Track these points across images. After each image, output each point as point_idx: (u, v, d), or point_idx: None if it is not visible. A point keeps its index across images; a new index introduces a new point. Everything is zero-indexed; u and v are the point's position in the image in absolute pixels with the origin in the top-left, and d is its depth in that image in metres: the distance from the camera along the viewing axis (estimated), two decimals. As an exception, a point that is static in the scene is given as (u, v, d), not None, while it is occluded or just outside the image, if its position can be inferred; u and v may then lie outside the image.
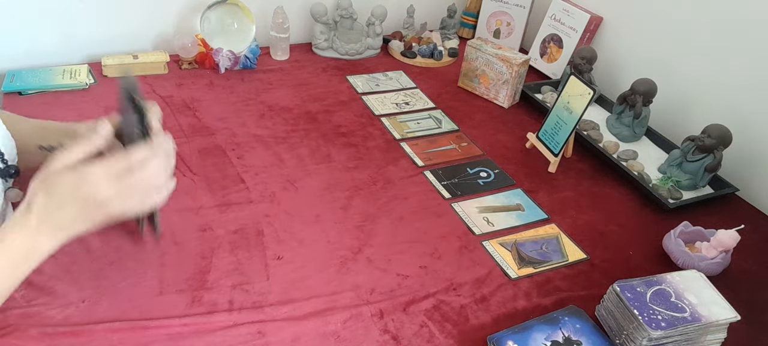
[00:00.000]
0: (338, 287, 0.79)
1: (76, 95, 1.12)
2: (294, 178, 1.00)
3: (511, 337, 0.72)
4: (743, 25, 1.12)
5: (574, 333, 0.74)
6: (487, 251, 0.90)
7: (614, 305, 0.77)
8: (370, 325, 0.74)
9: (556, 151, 1.11)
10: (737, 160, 1.14)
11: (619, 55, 1.42)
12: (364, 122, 1.20)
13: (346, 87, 1.33)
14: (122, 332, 0.68)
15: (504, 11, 1.60)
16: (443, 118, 1.26)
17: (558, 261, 0.90)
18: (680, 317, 0.72)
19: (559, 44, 1.49)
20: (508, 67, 1.29)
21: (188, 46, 1.27)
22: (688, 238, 0.95)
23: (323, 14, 1.41)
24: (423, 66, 1.50)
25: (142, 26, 1.30)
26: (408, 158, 1.10)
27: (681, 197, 1.08)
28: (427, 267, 0.85)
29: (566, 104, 1.09)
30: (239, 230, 0.86)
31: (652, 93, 1.20)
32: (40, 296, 0.71)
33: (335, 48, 1.46)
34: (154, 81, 1.22)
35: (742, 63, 1.14)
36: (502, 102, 1.34)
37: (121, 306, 0.71)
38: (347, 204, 0.95)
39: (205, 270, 0.79)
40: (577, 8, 1.44)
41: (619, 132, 1.25)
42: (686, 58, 1.25)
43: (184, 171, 0.97)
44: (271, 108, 1.19)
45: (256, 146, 1.06)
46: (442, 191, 1.02)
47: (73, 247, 0.77)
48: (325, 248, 0.86)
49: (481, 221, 0.96)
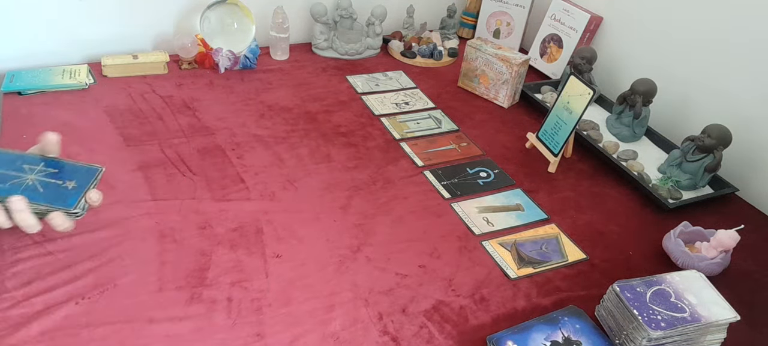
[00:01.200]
0: (337, 286, 0.79)
1: (76, 95, 1.12)
2: (294, 177, 1.00)
3: (511, 337, 0.72)
4: (743, 26, 1.12)
5: (574, 333, 0.74)
6: (486, 251, 0.90)
7: (614, 305, 0.77)
8: (369, 326, 0.74)
9: (555, 151, 1.11)
10: (737, 160, 1.14)
11: (619, 55, 1.42)
12: (364, 122, 1.20)
13: (345, 87, 1.33)
14: (122, 329, 0.68)
15: (504, 11, 1.60)
16: (443, 118, 1.26)
17: (558, 261, 0.90)
18: (680, 317, 0.72)
19: (559, 44, 1.49)
20: (507, 67, 1.29)
21: (188, 46, 1.27)
22: (687, 238, 0.95)
23: (323, 14, 1.41)
24: (423, 66, 1.50)
25: (142, 26, 1.30)
26: (408, 158, 1.10)
27: (681, 197, 1.08)
28: (427, 267, 0.85)
29: (566, 104, 1.09)
30: (239, 229, 0.86)
31: (651, 93, 1.20)
32: (39, 294, 0.71)
33: (335, 48, 1.46)
34: (154, 81, 1.22)
35: (742, 63, 1.14)
36: (502, 102, 1.34)
37: (120, 303, 0.71)
38: (347, 204, 0.95)
39: (205, 267, 0.79)
40: (577, 8, 1.44)
41: (619, 132, 1.25)
42: (686, 58, 1.25)
43: (184, 171, 0.97)
44: (270, 108, 1.19)
45: (256, 146, 1.06)
46: (441, 191, 1.02)
47: (73, 244, 0.78)
48: (325, 246, 0.86)
49: (481, 221, 0.96)
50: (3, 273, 0.73)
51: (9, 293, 0.70)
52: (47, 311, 0.69)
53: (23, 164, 0.66)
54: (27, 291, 0.71)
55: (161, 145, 1.02)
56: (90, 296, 0.72)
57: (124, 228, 0.83)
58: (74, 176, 0.67)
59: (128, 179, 0.93)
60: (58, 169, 0.67)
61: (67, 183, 0.66)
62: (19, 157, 0.67)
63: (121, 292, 0.73)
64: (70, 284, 0.73)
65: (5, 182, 0.64)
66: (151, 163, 0.97)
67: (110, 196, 0.88)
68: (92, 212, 0.84)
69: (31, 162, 0.67)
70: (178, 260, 0.79)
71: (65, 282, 0.73)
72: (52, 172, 0.67)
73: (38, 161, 0.67)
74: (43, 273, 0.74)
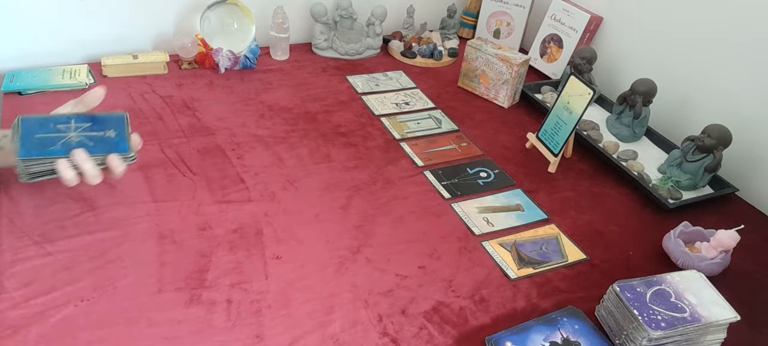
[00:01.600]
0: (337, 287, 0.79)
1: (76, 95, 1.12)
2: (293, 178, 0.99)
3: (510, 338, 0.72)
4: (743, 25, 1.12)
5: (573, 334, 0.74)
6: (486, 251, 0.90)
7: (614, 305, 0.76)
8: (369, 328, 0.74)
9: (555, 151, 1.11)
10: (737, 160, 1.14)
11: (619, 55, 1.42)
12: (364, 122, 1.20)
13: (345, 87, 1.33)
14: (121, 331, 0.68)
15: (504, 11, 1.60)
16: (443, 118, 1.26)
17: (558, 262, 0.90)
18: (680, 317, 0.72)
19: (559, 44, 1.49)
20: (508, 67, 1.29)
21: (188, 46, 1.27)
22: (687, 238, 0.95)
23: (323, 14, 1.41)
24: (423, 66, 1.49)
25: (142, 26, 1.30)
26: (408, 158, 1.10)
27: (681, 197, 1.08)
28: (426, 268, 0.85)
29: (566, 104, 1.09)
30: (238, 230, 0.86)
31: (652, 93, 1.20)
32: (39, 295, 0.71)
33: (335, 48, 1.46)
34: (154, 81, 1.22)
35: (742, 63, 1.14)
36: (502, 102, 1.34)
37: (120, 305, 0.71)
38: (347, 204, 0.95)
39: (204, 269, 0.79)
40: (577, 8, 1.44)
41: (619, 132, 1.25)
42: (686, 58, 1.25)
43: (184, 171, 0.97)
44: (270, 108, 1.19)
45: (256, 146, 1.06)
46: (441, 191, 1.02)
47: (72, 245, 0.78)
48: (325, 247, 0.86)
49: (481, 221, 0.96)
50: (2, 274, 0.73)
51: (8, 293, 0.70)
52: (46, 313, 0.69)
53: (57, 125, 0.69)
54: (26, 292, 0.71)
55: (161, 145, 1.02)
56: (89, 298, 0.72)
57: (123, 229, 0.83)
58: (108, 125, 0.72)
59: (128, 180, 0.92)
60: (90, 123, 0.70)
61: (107, 133, 0.69)
62: (48, 119, 0.70)
63: (121, 294, 0.73)
64: (69, 286, 0.73)
65: (55, 143, 0.66)
66: (151, 163, 0.97)
67: (110, 196, 0.88)
68: (92, 212, 0.84)
69: (61, 122, 0.69)
70: (178, 262, 0.79)
71: (64, 283, 0.73)
72: (87, 126, 0.70)
73: (68, 119, 0.70)
74: (43, 274, 0.74)
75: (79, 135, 0.70)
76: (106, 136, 0.71)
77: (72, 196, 0.86)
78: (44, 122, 0.71)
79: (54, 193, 0.86)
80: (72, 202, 0.85)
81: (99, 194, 0.88)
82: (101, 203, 0.86)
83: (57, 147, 0.68)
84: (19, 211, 0.82)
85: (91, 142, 0.70)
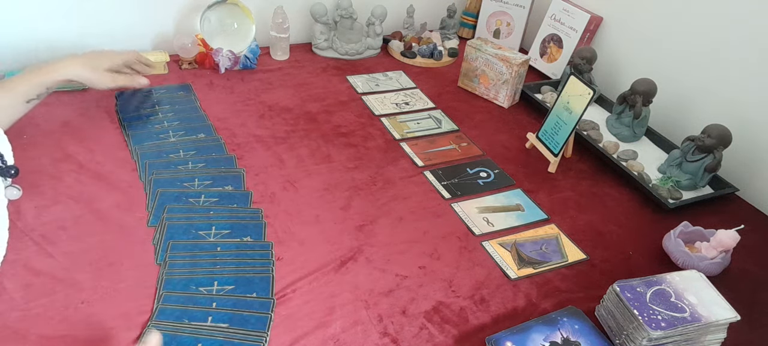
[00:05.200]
0: (337, 288, 0.79)
1: (76, 95, 1.12)
2: (294, 178, 1.00)
3: (510, 338, 0.72)
4: (743, 25, 1.12)
5: (573, 334, 0.74)
6: (486, 251, 0.90)
7: (614, 305, 0.77)
8: (369, 328, 0.74)
9: (555, 151, 1.11)
10: (737, 160, 1.14)
11: (619, 55, 1.42)
12: (364, 122, 1.20)
13: (346, 87, 1.33)
14: (121, 334, 0.68)
15: (504, 11, 1.60)
16: (443, 118, 1.26)
17: (558, 261, 0.90)
18: (680, 317, 0.72)
19: (559, 44, 1.49)
20: (507, 67, 1.29)
21: (188, 46, 1.27)
22: (688, 238, 0.95)
23: (323, 14, 1.41)
24: (423, 66, 1.49)
25: (142, 26, 1.30)
26: (408, 158, 1.10)
27: (681, 197, 1.08)
28: (427, 268, 0.85)
29: (566, 104, 1.09)
30: (239, 231, 0.86)
31: (651, 93, 1.20)
32: (39, 298, 0.71)
33: (335, 48, 1.46)
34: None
35: (741, 63, 1.14)
36: (502, 102, 1.34)
37: (120, 308, 0.71)
38: (347, 204, 0.95)
39: (205, 271, 0.79)
40: (577, 8, 1.44)
41: (619, 132, 1.25)
42: (686, 58, 1.25)
43: (184, 171, 0.97)
44: (271, 108, 1.19)
45: (256, 146, 1.06)
46: (441, 191, 1.02)
47: (73, 248, 0.78)
48: (325, 248, 0.86)
49: (481, 221, 0.96)
50: (3, 275, 0.73)
51: (9, 295, 0.70)
52: (46, 314, 0.69)
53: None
54: (26, 294, 0.71)
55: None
56: (89, 300, 0.72)
57: (124, 230, 0.83)
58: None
59: (128, 180, 0.93)
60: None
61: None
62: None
63: (121, 296, 0.73)
64: (69, 288, 0.73)
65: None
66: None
67: (110, 198, 0.88)
68: (93, 213, 0.84)
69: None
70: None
71: (65, 286, 0.73)
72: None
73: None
74: (43, 276, 0.73)
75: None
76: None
77: (73, 197, 0.86)
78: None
79: (55, 193, 0.86)
80: (73, 203, 0.85)
81: (99, 194, 0.88)
82: (102, 204, 0.86)
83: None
84: (19, 211, 0.82)
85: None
